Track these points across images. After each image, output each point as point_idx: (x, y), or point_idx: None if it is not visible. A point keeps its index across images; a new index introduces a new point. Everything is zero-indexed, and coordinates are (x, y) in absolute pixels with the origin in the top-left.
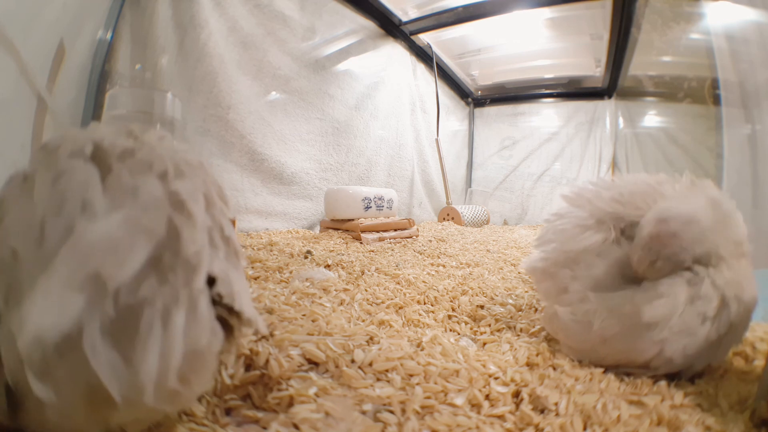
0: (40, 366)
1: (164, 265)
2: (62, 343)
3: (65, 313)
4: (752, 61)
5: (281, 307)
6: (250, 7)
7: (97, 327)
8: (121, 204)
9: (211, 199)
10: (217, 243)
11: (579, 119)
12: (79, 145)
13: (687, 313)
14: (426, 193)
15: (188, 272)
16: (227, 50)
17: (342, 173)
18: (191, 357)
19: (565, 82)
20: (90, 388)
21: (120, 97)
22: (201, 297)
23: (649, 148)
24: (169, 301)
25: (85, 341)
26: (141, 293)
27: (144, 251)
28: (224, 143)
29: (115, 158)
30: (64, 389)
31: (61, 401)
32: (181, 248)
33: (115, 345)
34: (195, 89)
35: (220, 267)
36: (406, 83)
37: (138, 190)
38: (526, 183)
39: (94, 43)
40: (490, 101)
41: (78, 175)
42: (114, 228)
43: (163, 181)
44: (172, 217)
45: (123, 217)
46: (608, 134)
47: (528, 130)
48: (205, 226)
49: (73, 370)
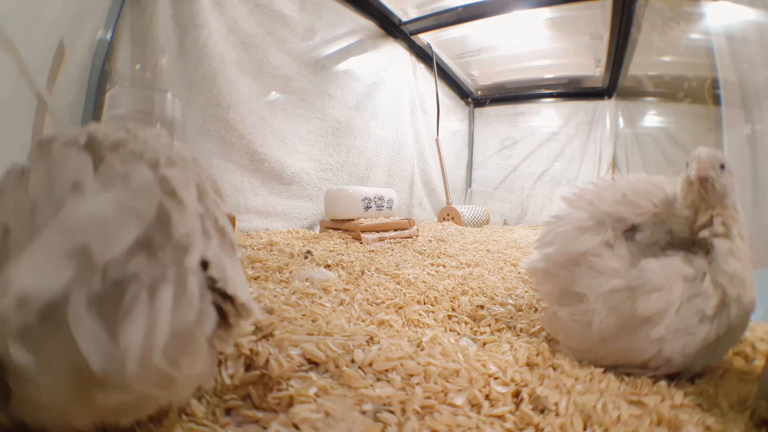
0: (22, 330)
1: (154, 245)
2: (46, 310)
3: (50, 278)
4: (752, 61)
5: (281, 307)
6: (250, 7)
7: (83, 298)
8: (111, 187)
9: (204, 190)
10: (210, 232)
11: (579, 119)
12: (74, 136)
13: (684, 310)
14: (426, 193)
15: (178, 252)
16: (227, 50)
17: (342, 173)
18: (180, 336)
19: (565, 82)
20: (74, 364)
21: (120, 97)
22: (191, 277)
23: (649, 148)
24: (157, 278)
25: (70, 310)
26: (129, 269)
27: (133, 231)
28: (224, 143)
29: (107, 148)
30: (48, 363)
31: (45, 376)
32: (172, 230)
33: (101, 318)
34: (195, 89)
35: (214, 253)
36: (406, 83)
37: (129, 175)
38: (526, 183)
39: (94, 43)
40: (490, 101)
41: (71, 160)
42: (103, 207)
43: (153, 168)
44: (163, 200)
45: (113, 197)
46: (608, 134)
47: (528, 130)
48: (196, 213)
49: (56, 343)
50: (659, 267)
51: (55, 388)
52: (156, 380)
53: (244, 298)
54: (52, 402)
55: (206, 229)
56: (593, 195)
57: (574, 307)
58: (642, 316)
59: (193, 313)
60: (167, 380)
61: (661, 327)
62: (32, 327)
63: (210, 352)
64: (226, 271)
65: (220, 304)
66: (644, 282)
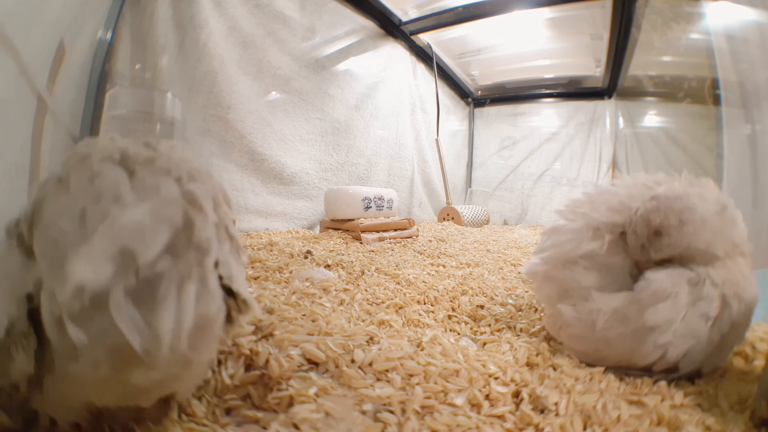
0: (78, 314)
1: (180, 247)
2: (95, 298)
3: (99, 274)
4: (752, 61)
5: (281, 307)
6: (250, 7)
7: (122, 291)
8: (146, 198)
9: (218, 202)
10: (222, 238)
11: (579, 119)
12: (109, 152)
13: (690, 315)
14: (426, 193)
15: (200, 254)
16: (227, 50)
17: (342, 173)
18: (201, 324)
19: (565, 82)
20: (115, 344)
21: (120, 97)
22: (210, 275)
23: (649, 148)
24: (184, 276)
25: (111, 300)
26: (159, 268)
27: (165, 235)
28: (224, 143)
29: (138, 164)
30: (96, 343)
31: (93, 353)
32: (194, 235)
33: (138, 307)
34: (195, 89)
35: (224, 255)
36: (406, 83)
37: (159, 188)
38: (526, 183)
39: (94, 43)
40: (490, 101)
41: (110, 175)
42: (141, 215)
43: (179, 183)
44: (188, 210)
45: (148, 207)
46: (608, 134)
47: (528, 130)
48: (213, 221)
49: (102, 327)
50: (665, 276)
51: (98, 364)
52: (179, 362)
53: (246, 295)
54: (93, 377)
55: (220, 235)
56: (586, 206)
57: (577, 305)
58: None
59: (214, 307)
60: (187, 362)
61: (668, 333)
62: (85, 312)
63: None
64: (232, 270)
65: (225, 300)
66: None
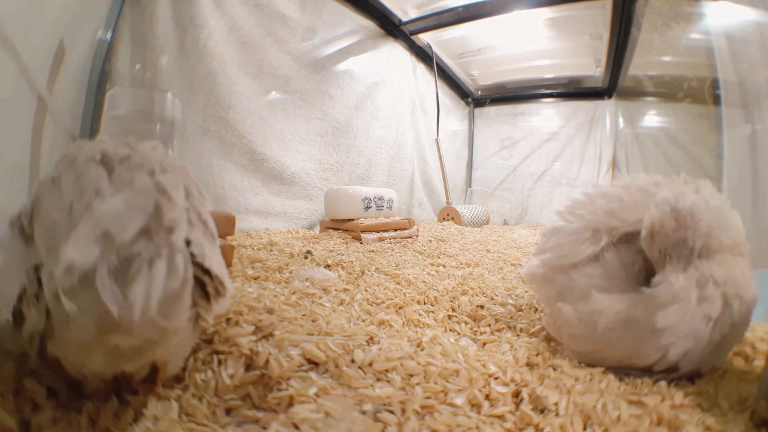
0: (69, 288)
1: (151, 231)
2: (84, 276)
3: (86, 255)
4: (752, 61)
5: (281, 307)
6: (250, 7)
7: (106, 269)
8: (121, 190)
9: (190, 191)
10: (194, 222)
11: (579, 119)
12: (92, 154)
13: (694, 316)
14: (426, 193)
15: (167, 234)
16: (227, 50)
17: (342, 173)
18: (169, 296)
19: (565, 82)
20: (99, 312)
21: (120, 97)
22: (177, 254)
23: (649, 148)
24: (154, 255)
25: (98, 278)
26: (134, 249)
27: (138, 221)
28: (224, 143)
29: (117, 162)
30: (84, 311)
31: (82, 319)
32: (163, 218)
33: (117, 282)
34: (195, 89)
35: (196, 236)
36: (406, 83)
37: (133, 181)
38: (526, 183)
39: (94, 43)
40: (490, 101)
41: (92, 173)
42: (117, 204)
43: (151, 175)
44: (158, 198)
45: (124, 198)
46: (608, 134)
47: (528, 130)
48: (183, 207)
49: (89, 298)
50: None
51: (86, 328)
52: (152, 328)
53: (219, 273)
54: (82, 339)
55: (191, 219)
56: (585, 208)
57: (578, 306)
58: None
59: (179, 280)
60: (159, 329)
61: (671, 334)
62: (75, 286)
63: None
64: (204, 250)
65: (201, 278)
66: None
